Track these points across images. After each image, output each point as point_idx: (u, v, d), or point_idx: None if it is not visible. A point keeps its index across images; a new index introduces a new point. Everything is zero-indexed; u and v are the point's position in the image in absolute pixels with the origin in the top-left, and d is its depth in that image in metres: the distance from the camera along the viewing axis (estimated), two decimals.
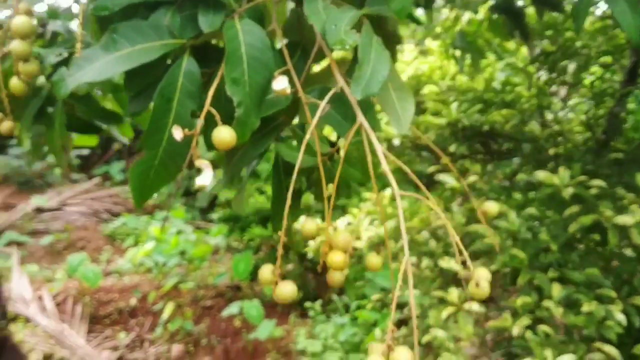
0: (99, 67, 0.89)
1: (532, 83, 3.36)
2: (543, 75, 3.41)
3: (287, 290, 0.86)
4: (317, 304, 5.38)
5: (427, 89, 3.33)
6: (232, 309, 5.67)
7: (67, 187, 9.48)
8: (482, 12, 3.21)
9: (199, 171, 0.83)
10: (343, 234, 0.90)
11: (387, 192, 4.08)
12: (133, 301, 6.33)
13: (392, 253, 3.62)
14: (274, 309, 5.92)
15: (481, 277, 0.86)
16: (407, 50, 3.67)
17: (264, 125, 0.99)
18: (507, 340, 3.07)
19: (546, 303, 2.64)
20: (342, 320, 5.02)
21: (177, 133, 0.82)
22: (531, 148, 3.03)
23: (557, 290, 2.65)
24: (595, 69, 3.54)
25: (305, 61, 1.07)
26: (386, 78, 0.87)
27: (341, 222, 4.00)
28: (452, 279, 3.16)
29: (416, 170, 3.95)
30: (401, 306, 4.61)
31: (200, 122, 0.84)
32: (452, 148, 3.12)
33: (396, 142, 3.22)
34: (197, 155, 0.83)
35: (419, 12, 2.31)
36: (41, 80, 1.33)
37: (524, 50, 3.62)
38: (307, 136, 0.88)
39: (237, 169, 1.06)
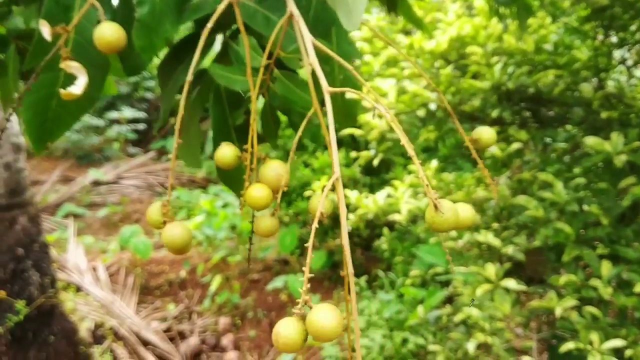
0: None
1: (587, 44, 3.05)
2: (601, 36, 3.09)
3: (176, 233, 0.68)
4: (363, 280, 5.23)
5: (471, 50, 3.07)
6: (277, 282, 5.61)
7: (123, 161, 9.63)
8: None
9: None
10: (274, 165, 0.72)
11: (434, 163, 3.86)
12: (183, 273, 6.37)
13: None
14: (320, 283, 5.83)
15: (445, 200, 0.65)
16: (451, 10, 3.40)
17: (194, 43, 0.81)
18: (552, 323, 2.81)
19: (594, 282, 2.39)
20: (387, 296, 4.85)
21: (45, 30, 0.66)
22: (583, 113, 2.74)
23: (607, 268, 2.39)
24: None
25: None
26: None
27: (381, 194, 3.80)
28: (492, 255, 2.92)
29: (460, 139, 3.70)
30: (447, 283, 4.40)
31: (77, 17, 0.67)
32: (495, 114, 2.86)
33: (432, 106, 2.98)
34: (66, 56, 0.67)
35: None
36: None
37: (580, 9, 3.29)
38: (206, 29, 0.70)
39: (169, 99, 0.88)
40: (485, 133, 0.80)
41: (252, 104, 0.72)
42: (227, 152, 0.71)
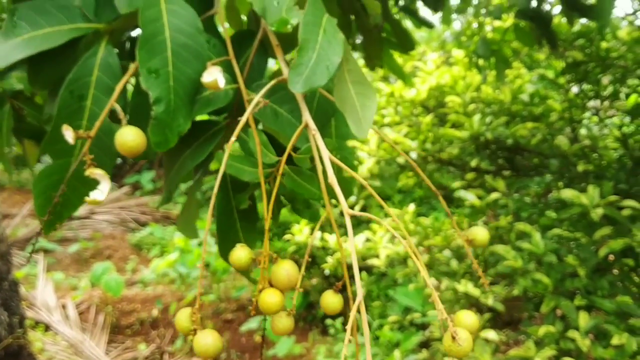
0: None
1: (563, 96, 3.14)
2: (575, 88, 3.18)
3: (209, 342, 0.69)
4: (338, 322, 5.20)
5: (450, 100, 3.13)
6: (252, 323, 5.55)
7: None
8: (508, 19, 3.01)
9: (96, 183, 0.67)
10: (286, 266, 0.73)
11: (411, 207, 3.89)
12: (155, 312, 6.26)
13: (411, 272, 3.42)
14: (295, 324, 5.77)
15: (461, 330, 0.66)
16: (430, 60, 3.48)
17: (202, 130, 0.83)
18: None
19: (572, 333, 2.41)
20: (363, 339, 4.82)
21: (69, 134, 0.67)
22: (559, 164, 2.80)
23: (584, 319, 2.42)
24: (633, 81, 3.29)
25: (265, 56, 0.90)
26: (337, 67, 0.69)
27: (359, 238, 3.82)
28: (473, 303, 2.94)
29: (438, 183, 3.76)
30: (423, 327, 4.41)
31: (100, 120, 0.68)
32: (474, 163, 2.91)
33: (413, 155, 3.03)
34: (90, 164, 0.68)
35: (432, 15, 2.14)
36: None
37: (556, 62, 3.40)
38: (238, 129, 0.71)
39: (174, 183, 0.89)
40: (480, 234, 0.82)
41: (264, 205, 0.73)
42: (242, 254, 0.72)
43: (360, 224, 5.42)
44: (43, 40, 0.75)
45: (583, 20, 3.12)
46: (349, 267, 0.73)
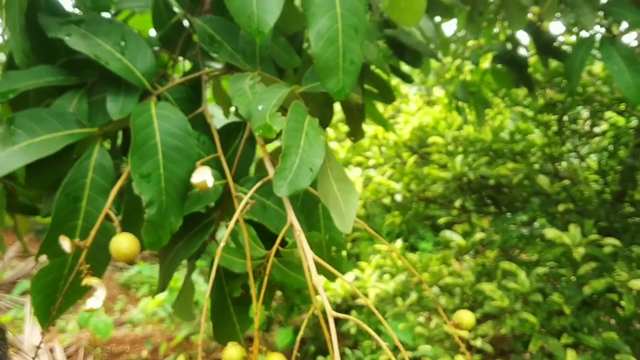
0: None
1: (543, 132, 3.21)
2: (553, 124, 3.26)
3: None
4: (329, 358, 5.18)
5: (432, 140, 3.19)
6: None
7: None
8: (486, 62, 3.09)
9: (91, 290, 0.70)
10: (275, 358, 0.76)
11: (398, 243, 3.93)
12: (144, 353, 6.20)
13: (400, 312, 3.44)
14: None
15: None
16: (412, 100, 3.55)
17: (194, 222, 0.86)
18: None
19: None
20: None
21: (65, 244, 0.70)
22: (540, 202, 2.86)
23: (572, 357, 2.45)
24: (610, 114, 3.38)
25: (252, 144, 0.95)
26: (321, 170, 0.73)
27: (348, 277, 3.84)
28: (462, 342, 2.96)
29: (425, 215, 3.81)
30: None
31: (95, 228, 0.72)
32: (458, 203, 2.96)
33: (398, 197, 3.07)
34: (86, 273, 0.71)
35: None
36: None
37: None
38: (228, 230, 0.75)
39: (169, 273, 0.93)
40: (465, 318, 0.86)
41: (254, 303, 0.77)
42: (233, 353, 0.75)
43: (349, 258, 5.45)
44: (40, 148, 0.79)
45: None
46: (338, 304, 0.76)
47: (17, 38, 0.84)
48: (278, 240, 0.77)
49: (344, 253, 0.98)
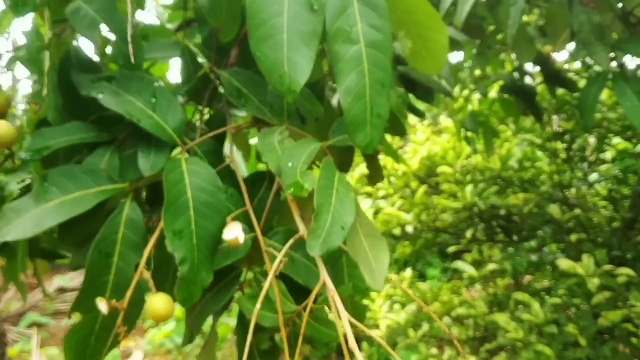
0: (28, 221, 0.79)
1: (551, 160, 3.22)
2: (562, 152, 3.27)
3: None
4: None
5: (442, 170, 3.20)
6: None
7: None
8: (493, 91, 3.11)
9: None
10: None
11: (408, 272, 3.91)
12: None
13: (412, 343, 3.42)
14: None
15: None
16: (420, 130, 3.57)
17: (222, 276, 0.87)
18: None
19: None
20: None
21: (102, 306, 0.71)
22: (552, 232, 2.86)
23: None
24: (617, 140, 3.39)
25: (278, 195, 0.96)
26: (351, 227, 0.74)
27: None
28: None
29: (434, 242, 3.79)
30: None
31: (130, 290, 0.73)
32: (469, 234, 2.97)
33: (409, 229, 3.08)
34: (124, 335, 0.71)
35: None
36: None
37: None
38: (264, 291, 0.76)
39: (197, 326, 0.93)
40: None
41: (285, 346, 0.77)
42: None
43: None
44: (73, 206, 0.80)
45: None
46: None
47: (50, 95, 0.85)
48: (312, 298, 0.77)
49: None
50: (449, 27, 1.68)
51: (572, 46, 2.22)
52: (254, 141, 1.50)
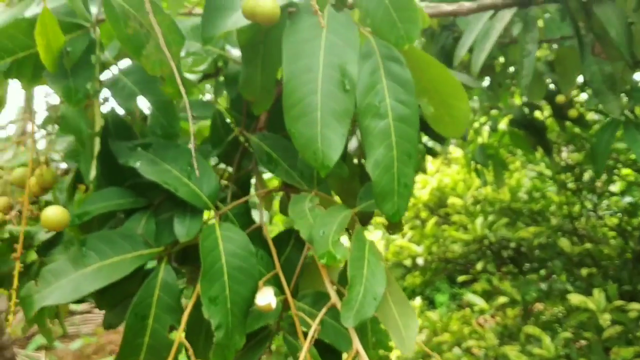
0: (67, 285, 0.82)
1: (560, 191, 3.25)
2: (571, 183, 3.29)
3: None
4: None
5: (451, 201, 3.23)
6: None
7: None
8: (503, 122, 3.15)
9: None
10: None
11: (417, 300, 3.92)
12: None
13: None
14: None
15: None
16: (429, 161, 3.61)
17: (251, 336, 0.90)
18: None
19: None
20: None
21: None
22: (562, 264, 2.88)
23: None
24: (627, 171, 3.41)
25: (300, 250, 0.99)
26: (382, 296, 0.78)
27: None
28: None
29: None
30: None
31: (171, 356, 0.76)
32: (480, 266, 2.99)
33: (420, 261, 3.10)
34: None
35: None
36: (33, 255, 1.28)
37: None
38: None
39: None
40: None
41: None
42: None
43: None
44: (111, 271, 0.83)
45: None
46: None
47: (88, 161, 0.89)
48: None
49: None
50: (461, 73, 1.72)
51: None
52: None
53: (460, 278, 3.47)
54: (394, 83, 0.84)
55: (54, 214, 0.88)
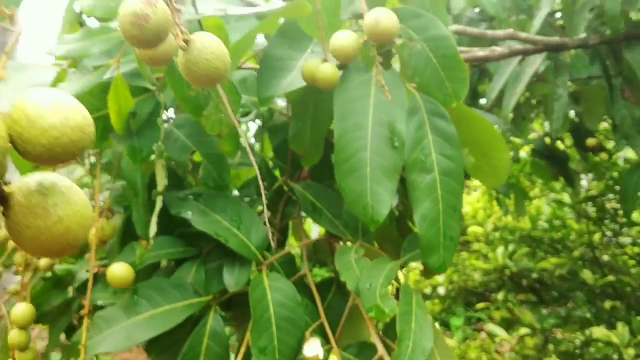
0: (119, 333, 0.84)
1: (579, 220, 3.24)
2: (593, 213, 3.29)
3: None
4: None
5: (472, 229, 3.24)
6: None
7: None
8: (523, 151, 3.15)
9: None
10: None
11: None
12: None
13: None
14: None
15: None
16: None
17: None
18: None
19: None
20: None
21: None
22: (585, 297, 2.88)
23: None
24: None
25: (341, 297, 1.00)
26: (430, 350, 0.79)
27: None
28: None
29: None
30: None
31: None
32: (501, 296, 2.99)
33: (441, 290, 3.10)
34: None
35: None
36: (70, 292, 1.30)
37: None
38: None
39: None
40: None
41: None
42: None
43: None
44: (163, 320, 0.85)
45: None
46: None
47: (140, 211, 0.91)
48: None
49: None
50: (489, 114, 1.73)
51: None
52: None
53: (479, 305, 3.46)
54: (440, 138, 0.86)
55: (120, 271, 0.88)
